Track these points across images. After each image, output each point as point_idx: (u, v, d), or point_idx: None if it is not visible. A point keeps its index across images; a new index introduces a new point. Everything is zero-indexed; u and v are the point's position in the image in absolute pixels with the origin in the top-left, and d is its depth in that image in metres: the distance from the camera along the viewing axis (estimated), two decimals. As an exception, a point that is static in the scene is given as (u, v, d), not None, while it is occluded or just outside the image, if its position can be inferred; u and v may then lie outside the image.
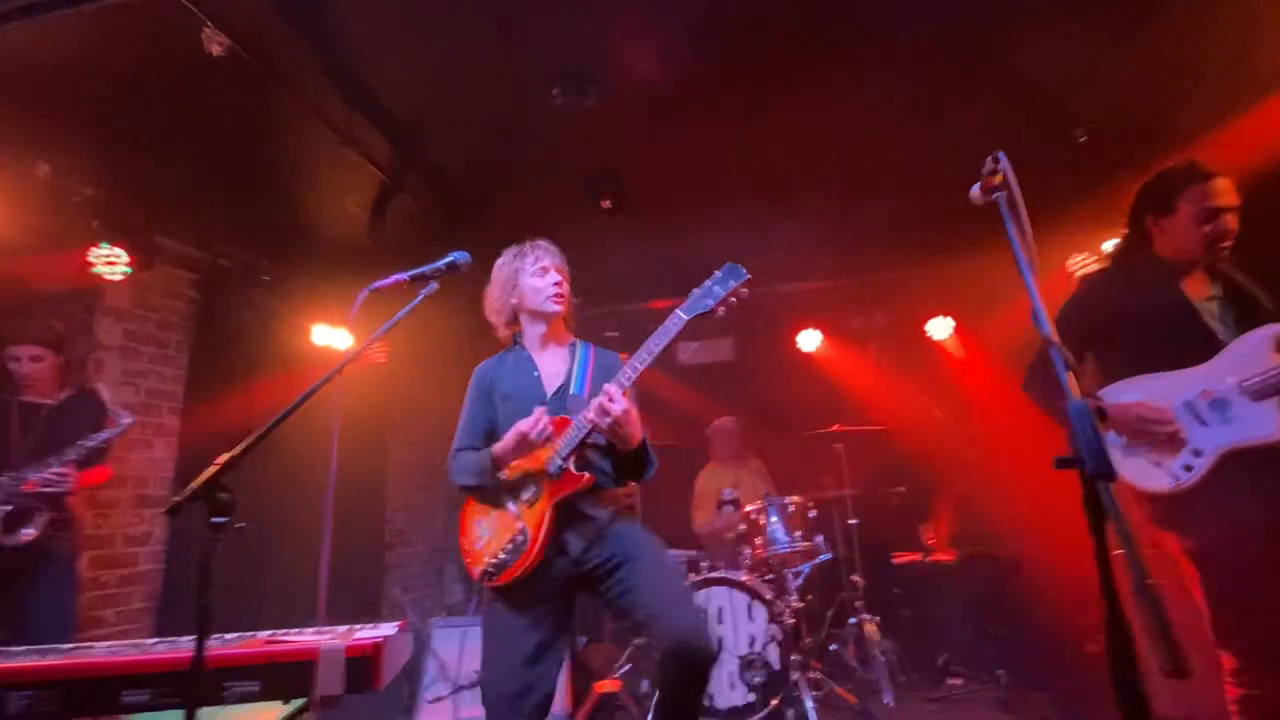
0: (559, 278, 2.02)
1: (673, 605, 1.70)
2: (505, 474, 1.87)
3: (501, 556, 1.78)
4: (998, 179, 1.32)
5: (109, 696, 1.48)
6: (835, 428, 4.21)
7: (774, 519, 3.67)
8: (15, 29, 2.36)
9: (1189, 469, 1.73)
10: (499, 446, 1.85)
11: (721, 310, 1.81)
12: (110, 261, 3.40)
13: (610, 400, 1.69)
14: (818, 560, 3.80)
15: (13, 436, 2.69)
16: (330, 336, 4.43)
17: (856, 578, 4.00)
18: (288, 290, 4.30)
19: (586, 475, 1.77)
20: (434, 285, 1.69)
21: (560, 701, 3.16)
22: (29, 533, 2.59)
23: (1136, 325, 1.90)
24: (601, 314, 5.52)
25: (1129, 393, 1.87)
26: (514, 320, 2.07)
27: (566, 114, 2.93)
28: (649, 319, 5.39)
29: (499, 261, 2.08)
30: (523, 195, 3.85)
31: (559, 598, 1.85)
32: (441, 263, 1.69)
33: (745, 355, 5.57)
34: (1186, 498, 1.72)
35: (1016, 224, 1.28)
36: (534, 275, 2.01)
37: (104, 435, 2.78)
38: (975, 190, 1.37)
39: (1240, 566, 1.66)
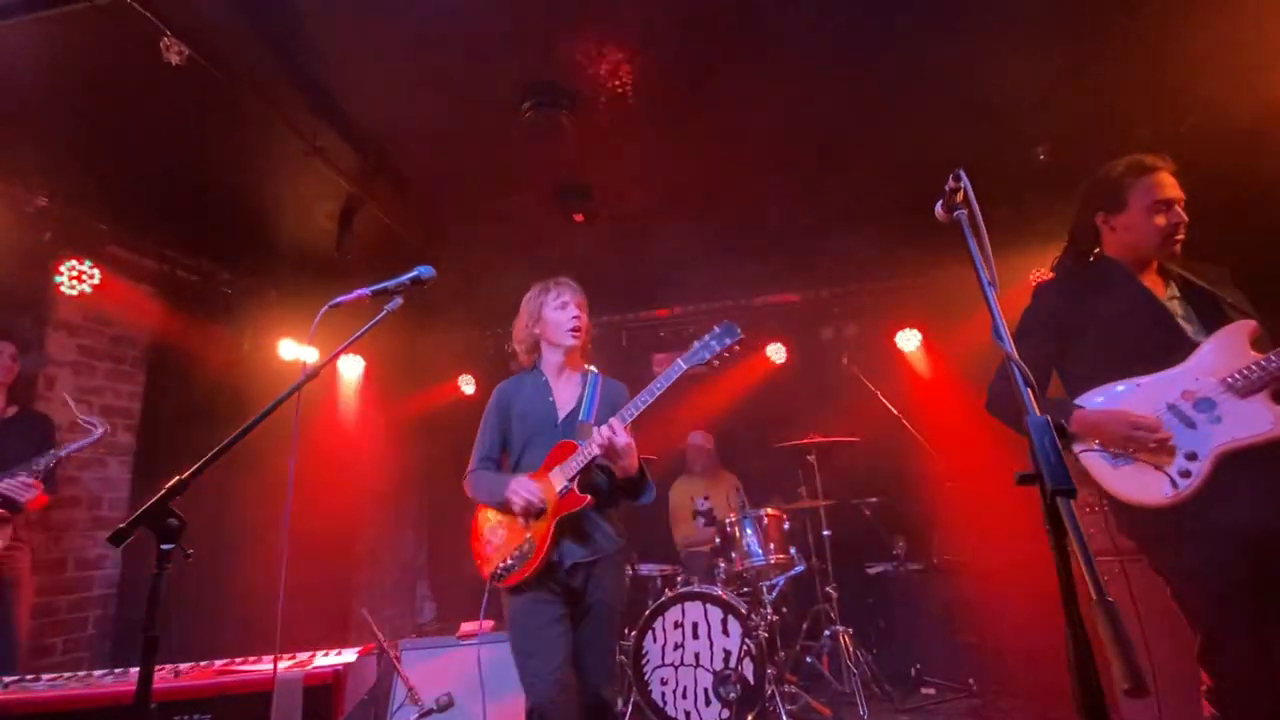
0: (578, 312, 2.24)
1: (604, 680, 2.02)
2: None
3: (509, 562, 2.01)
4: (959, 196, 1.35)
5: (49, 734, 1.41)
6: (807, 439, 4.23)
7: (749, 532, 3.66)
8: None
9: (1186, 475, 1.63)
10: (509, 493, 2.05)
11: (716, 363, 2.12)
12: (79, 277, 3.30)
13: (613, 433, 1.94)
14: (792, 573, 3.80)
15: None
16: (297, 351, 4.33)
17: (830, 589, 4.01)
18: (252, 303, 4.20)
19: (588, 497, 2.01)
20: (398, 300, 1.65)
21: None
22: None
23: (1102, 326, 1.84)
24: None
25: (1108, 399, 1.79)
26: (535, 348, 2.29)
27: (536, 127, 2.92)
28: (621, 329, 5.45)
29: (527, 295, 2.31)
30: (493, 208, 3.83)
31: (560, 603, 2.04)
32: (405, 277, 1.65)
33: (718, 367, 5.58)
34: (1176, 511, 1.64)
35: (978, 240, 1.30)
36: (556, 309, 2.23)
37: (78, 444, 2.68)
38: (938, 207, 1.38)
39: (1223, 590, 1.60)
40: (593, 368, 2.37)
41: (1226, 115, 2.94)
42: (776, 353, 5.31)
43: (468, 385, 5.56)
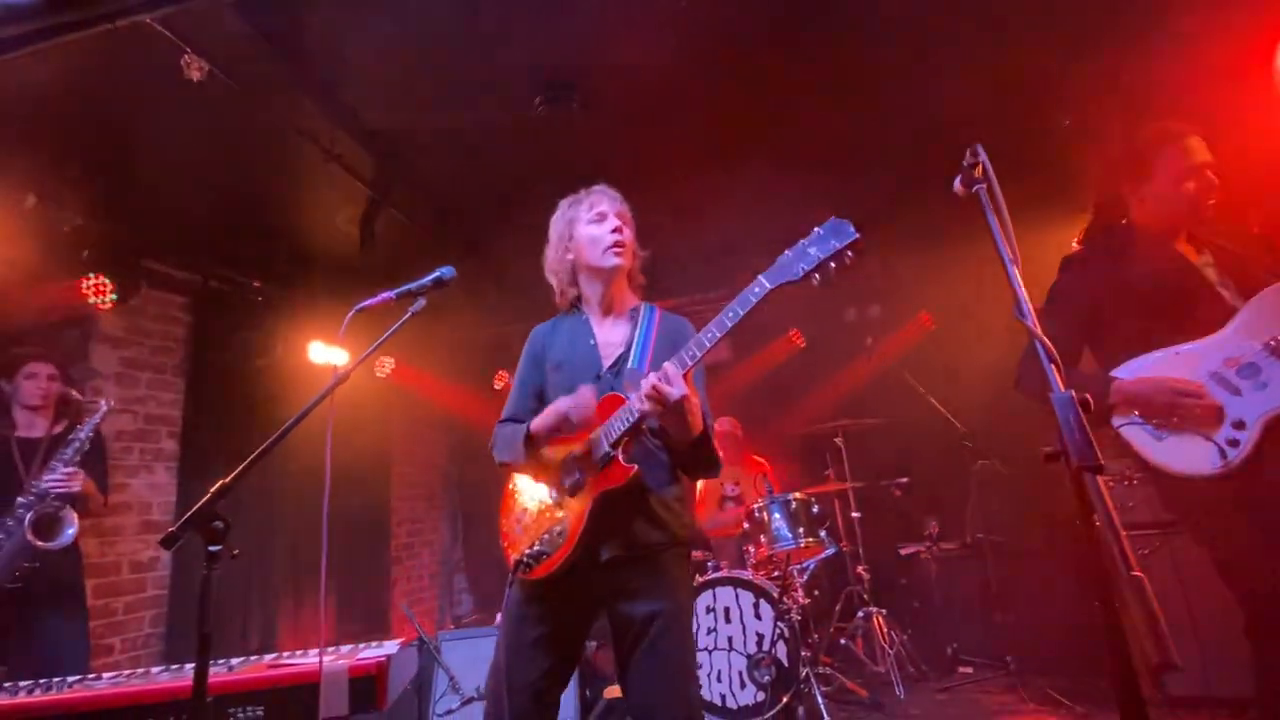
0: (618, 223, 1.76)
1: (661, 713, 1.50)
2: (547, 453, 1.67)
3: (538, 547, 1.58)
4: (977, 171, 1.33)
5: (114, 728, 1.49)
6: (835, 422, 4.21)
7: (777, 516, 3.66)
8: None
9: (1235, 444, 1.57)
10: (536, 422, 1.65)
11: (818, 278, 1.49)
12: (99, 290, 3.41)
13: (666, 382, 1.43)
14: (822, 555, 3.80)
15: (19, 472, 2.67)
16: (327, 354, 4.43)
17: (862, 570, 3.99)
18: (282, 309, 4.31)
19: (634, 468, 1.52)
20: (422, 302, 1.68)
21: (569, 709, 3.16)
22: (71, 531, 2.60)
23: (1136, 297, 1.80)
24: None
25: (1147, 368, 1.74)
26: (573, 280, 1.84)
27: (550, 121, 2.93)
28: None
29: (554, 215, 1.87)
30: (511, 205, 3.85)
31: (580, 614, 1.65)
32: (428, 279, 1.68)
33: (742, 353, 5.58)
34: (1233, 478, 1.58)
35: (997, 216, 1.28)
36: (590, 223, 1.76)
37: (92, 422, 2.74)
38: (957, 183, 1.37)
39: (1272, 587, 1.56)
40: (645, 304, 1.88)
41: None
42: (804, 335, 5.27)
43: (499, 382, 5.64)
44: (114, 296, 3.43)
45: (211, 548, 1.23)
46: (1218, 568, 1.70)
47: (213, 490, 1.26)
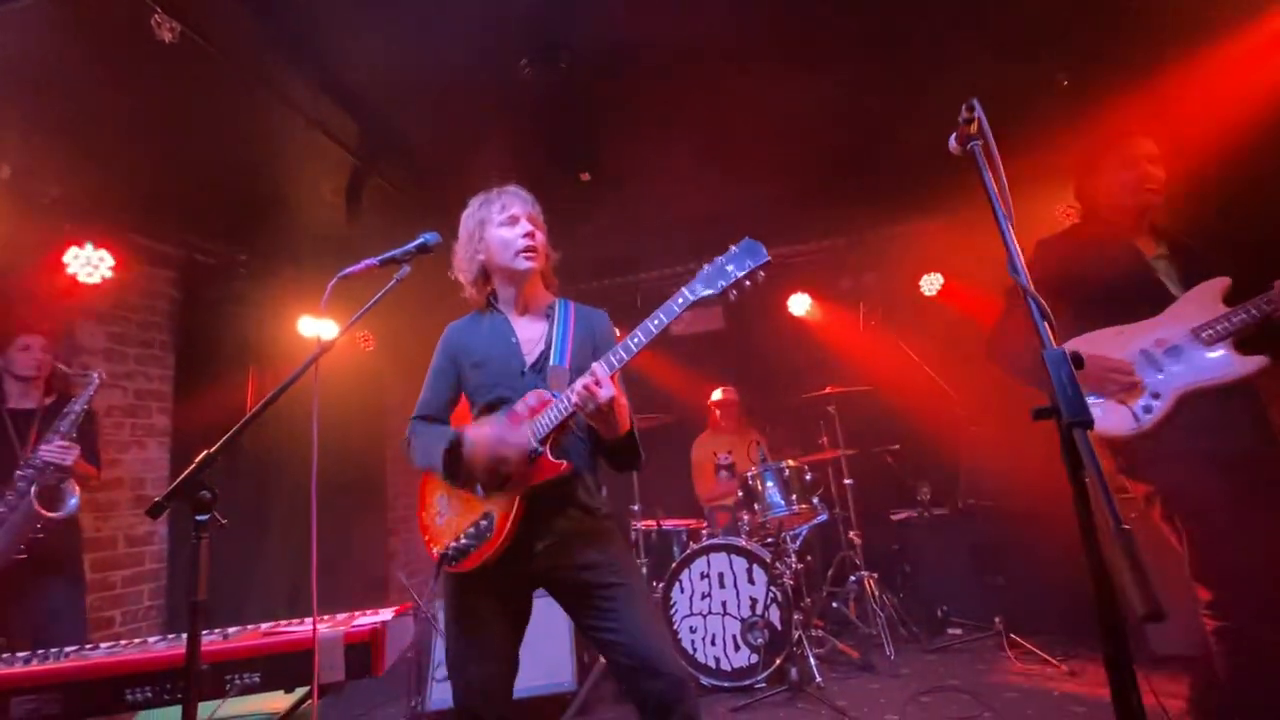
0: (530, 228, 1.77)
1: (665, 659, 1.53)
2: (467, 454, 1.65)
3: (463, 541, 1.61)
4: (973, 128, 1.29)
5: (111, 696, 1.50)
6: (827, 390, 4.22)
7: (770, 484, 3.70)
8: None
9: (1148, 410, 1.85)
10: (466, 451, 1.62)
11: (734, 294, 1.59)
12: (91, 265, 3.35)
13: (596, 384, 1.49)
14: (815, 522, 3.85)
15: (14, 443, 2.67)
16: (316, 327, 4.39)
17: (854, 536, 4.05)
18: (270, 282, 4.25)
19: (565, 463, 1.59)
20: (406, 269, 1.65)
21: (567, 673, 3.22)
22: (74, 501, 2.63)
23: (1093, 284, 2.00)
24: (591, 289, 5.49)
25: (1089, 346, 1.97)
26: (484, 279, 1.84)
27: (539, 85, 2.86)
28: (634, 290, 5.42)
29: (465, 212, 1.86)
30: (498, 171, 3.78)
31: (519, 596, 1.69)
32: (412, 245, 1.64)
33: (735, 323, 5.56)
34: (1148, 441, 1.84)
35: (993, 174, 1.25)
36: (501, 226, 1.77)
37: (85, 396, 2.73)
38: (952, 140, 1.34)
39: (1202, 504, 1.76)
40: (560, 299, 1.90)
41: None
42: (797, 304, 5.25)
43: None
44: (101, 271, 3.37)
45: (199, 516, 1.22)
46: (1161, 519, 1.89)
47: (198, 460, 1.25)
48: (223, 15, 2.40)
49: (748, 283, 1.59)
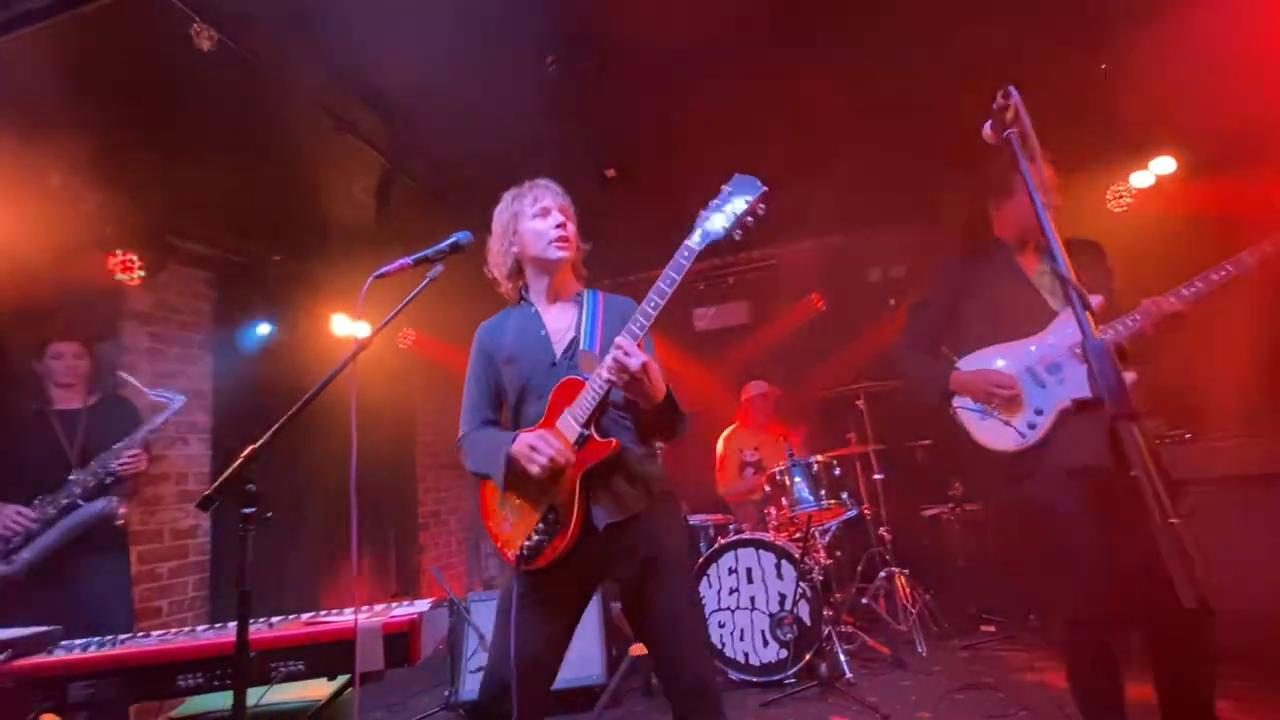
0: (562, 219, 1.82)
1: (687, 662, 1.60)
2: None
3: (536, 538, 1.62)
4: (1009, 114, 1.27)
5: (165, 681, 1.56)
6: (856, 385, 4.17)
7: (798, 479, 3.67)
8: (13, 40, 2.37)
9: (1033, 427, 1.95)
10: (519, 454, 1.64)
11: (739, 234, 1.58)
12: (126, 266, 3.47)
13: (625, 354, 1.50)
14: (844, 517, 3.81)
15: (63, 444, 2.75)
16: (350, 326, 4.48)
17: (884, 532, 4.00)
18: (303, 281, 4.35)
19: (613, 441, 1.59)
20: (439, 268, 1.68)
21: (597, 666, 3.25)
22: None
23: (984, 300, 2.12)
24: (617, 285, 5.50)
25: (979, 363, 2.09)
26: (518, 272, 1.88)
27: (565, 82, 2.87)
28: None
29: (498, 208, 1.90)
30: (525, 168, 3.81)
31: (587, 585, 1.73)
32: (444, 244, 1.67)
33: (761, 317, 5.52)
34: (1029, 456, 1.95)
35: (1031, 162, 1.23)
36: (534, 218, 1.81)
37: (164, 415, 2.82)
38: (987, 128, 1.31)
39: (1063, 517, 1.87)
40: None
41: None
42: (825, 298, 5.19)
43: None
44: (141, 272, 3.49)
45: (246, 509, 1.26)
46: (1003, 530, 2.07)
47: (243, 455, 1.29)
48: (258, 24, 2.46)
49: (750, 219, 1.59)
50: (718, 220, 1.59)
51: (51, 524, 2.57)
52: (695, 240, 1.61)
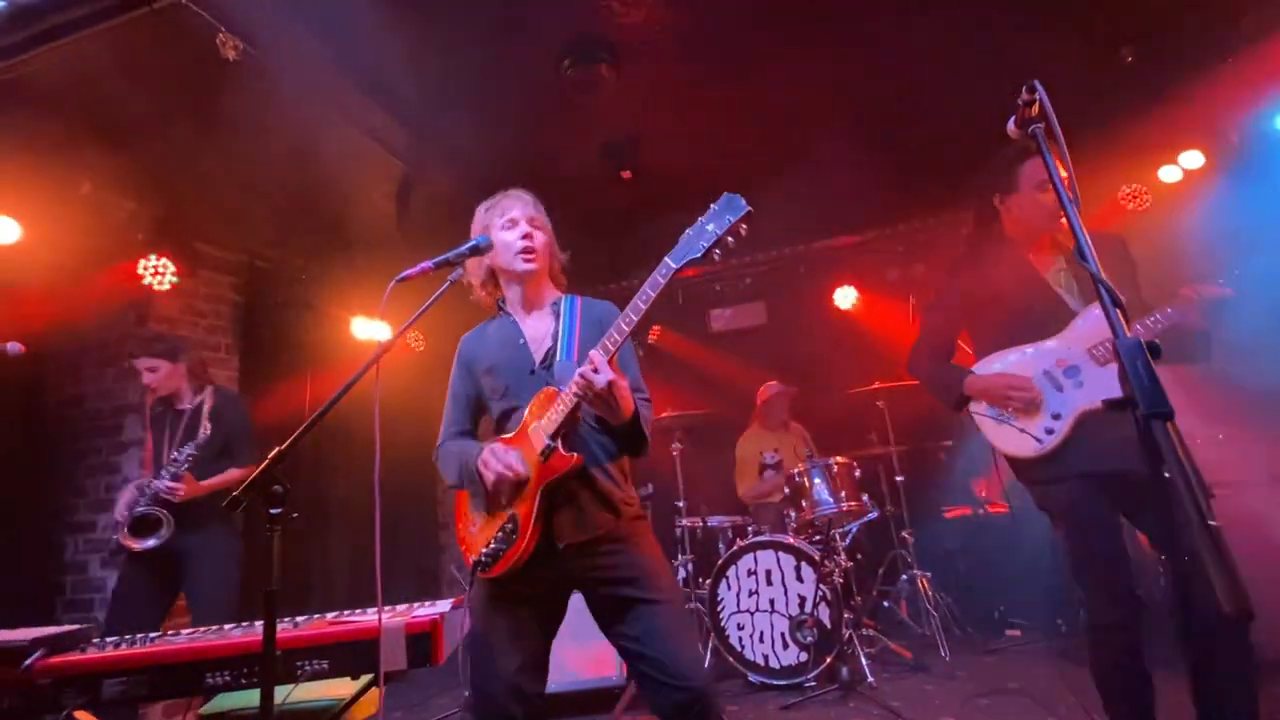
0: (528, 229, 1.79)
1: (685, 670, 1.52)
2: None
3: (493, 545, 1.62)
4: (1034, 110, 1.25)
5: (193, 678, 1.59)
6: (876, 385, 4.13)
7: (818, 481, 3.64)
8: (46, 52, 2.44)
9: (1051, 432, 1.89)
10: (478, 464, 1.66)
11: (717, 253, 1.58)
12: (158, 272, 3.55)
13: (594, 370, 1.50)
14: (865, 519, 3.77)
15: (165, 438, 2.97)
16: (371, 329, 4.54)
17: (906, 534, 3.96)
18: (326, 286, 4.42)
19: (575, 456, 1.59)
20: (459, 271, 1.70)
21: (614, 667, 3.25)
22: (148, 544, 2.81)
23: (998, 301, 2.03)
24: (634, 286, 5.50)
25: (995, 366, 2.03)
26: (492, 281, 1.88)
27: (580, 84, 2.88)
28: (677, 286, 5.41)
29: (474, 219, 1.89)
30: (542, 170, 3.83)
31: (550, 597, 1.69)
32: (465, 247, 1.69)
33: (779, 317, 5.49)
34: (1049, 461, 1.89)
35: (1057, 157, 1.20)
36: (502, 229, 1.79)
37: (199, 441, 2.93)
38: (1011, 124, 1.29)
39: (1084, 520, 1.85)
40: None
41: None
42: (843, 297, 5.15)
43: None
44: (172, 278, 3.57)
45: (273, 510, 1.28)
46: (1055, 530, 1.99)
47: (270, 456, 1.31)
48: (280, 33, 2.50)
49: (729, 239, 1.58)
50: (698, 239, 1.58)
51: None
52: (674, 258, 1.59)
